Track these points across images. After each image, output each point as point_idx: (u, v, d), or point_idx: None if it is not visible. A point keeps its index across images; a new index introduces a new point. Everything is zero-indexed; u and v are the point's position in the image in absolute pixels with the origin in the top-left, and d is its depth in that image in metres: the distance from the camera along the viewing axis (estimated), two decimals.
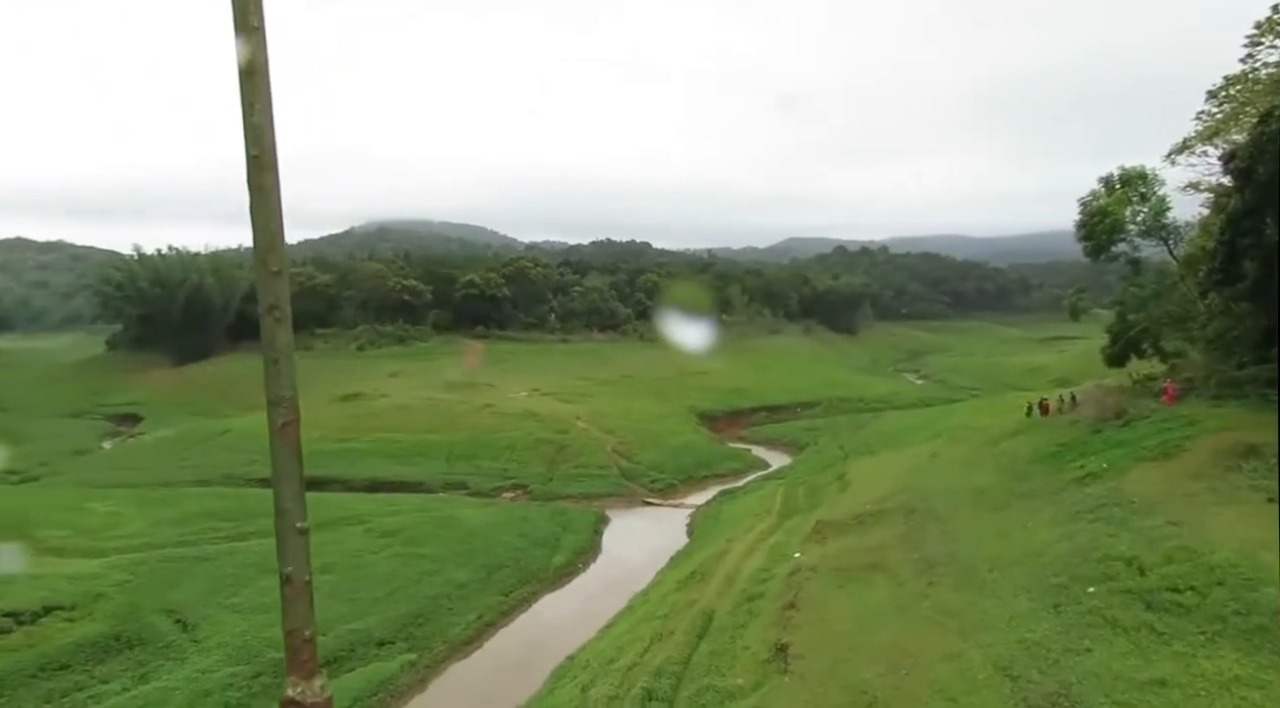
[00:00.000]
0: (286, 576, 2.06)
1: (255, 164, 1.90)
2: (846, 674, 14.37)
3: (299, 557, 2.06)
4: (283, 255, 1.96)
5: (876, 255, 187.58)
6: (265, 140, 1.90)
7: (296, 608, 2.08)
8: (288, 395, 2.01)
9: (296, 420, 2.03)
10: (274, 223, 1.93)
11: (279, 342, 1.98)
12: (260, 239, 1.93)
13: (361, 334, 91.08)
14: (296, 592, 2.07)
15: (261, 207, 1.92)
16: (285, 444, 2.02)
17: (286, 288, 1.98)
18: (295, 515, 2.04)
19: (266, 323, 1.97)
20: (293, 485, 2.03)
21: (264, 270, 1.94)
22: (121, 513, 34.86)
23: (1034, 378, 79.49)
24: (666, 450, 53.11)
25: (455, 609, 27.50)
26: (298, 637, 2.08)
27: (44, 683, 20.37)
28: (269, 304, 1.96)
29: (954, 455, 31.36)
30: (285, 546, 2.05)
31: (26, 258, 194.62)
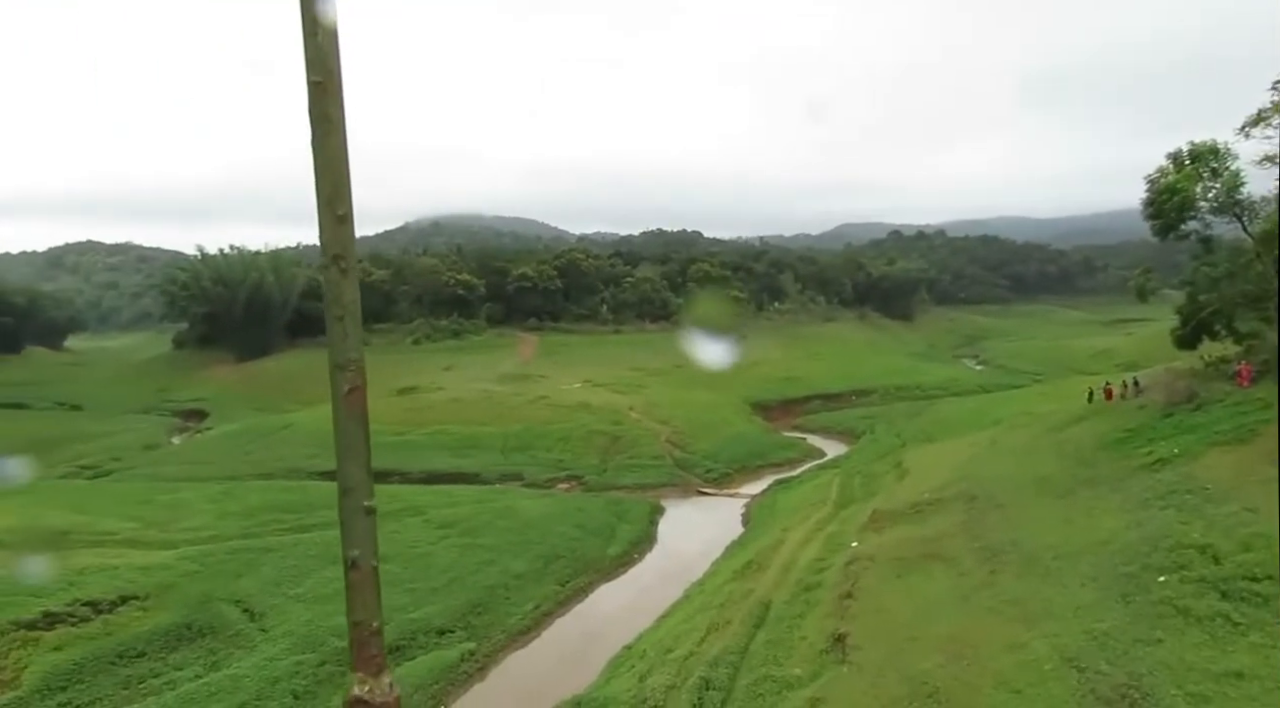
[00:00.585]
0: (352, 560, 1.84)
1: (319, 91, 1.68)
2: (906, 665, 14.13)
3: (366, 540, 1.85)
4: (349, 199, 1.73)
5: (933, 239, 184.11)
6: (330, 64, 1.68)
7: (363, 596, 1.87)
8: (354, 358, 1.79)
9: (363, 387, 1.81)
10: (339, 161, 1.71)
11: (345, 296, 1.75)
12: (324, 180, 1.70)
13: (417, 328, 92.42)
14: (363, 578, 1.86)
15: (326, 142, 1.69)
16: (351, 413, 1.80)
17: (353, 235, 1.76)
18: (362, 493, 1.83)
19: (331, 275, 1.75)
20: (359, 460, 1.82)
21: (329, 215, 1.72)
22: (190, 506, 35.94)
23: (1099, 362, 77.34)
24: (720, 440, 52.92)
25: (513, 599, 27.77)
26: (365, 629, 1.88)
27: (122, 670, 21.10)
28: (334, 253, 1.73)
29: (1015, 442, 30.63)
30: (351, 527, 1.84)
31: (96, 260, 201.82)
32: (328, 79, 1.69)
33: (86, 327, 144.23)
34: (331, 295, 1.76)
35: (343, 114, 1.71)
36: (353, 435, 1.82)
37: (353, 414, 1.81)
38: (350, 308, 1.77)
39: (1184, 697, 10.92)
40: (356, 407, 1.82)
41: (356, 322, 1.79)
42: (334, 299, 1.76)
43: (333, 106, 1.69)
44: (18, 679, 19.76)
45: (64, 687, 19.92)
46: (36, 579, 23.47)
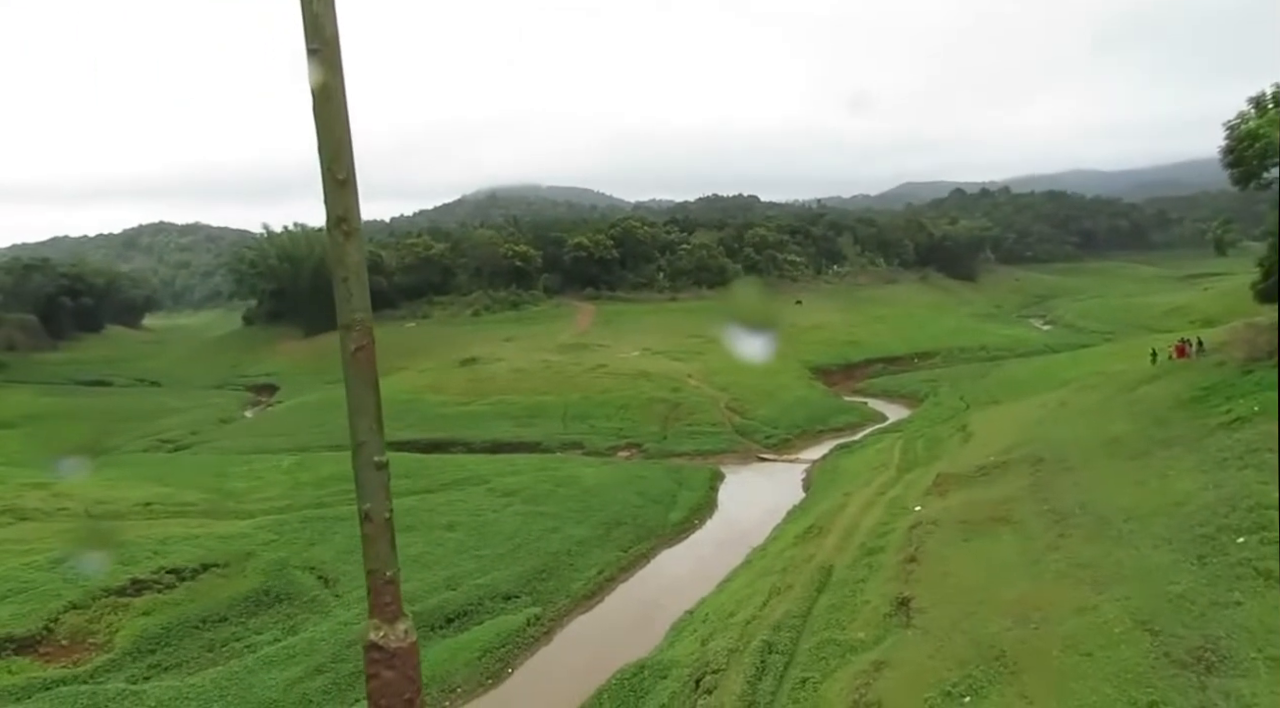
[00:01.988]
0: (366, 512, 1.94)
1: (316, 60, 1.71)
2: (972, 628, 13.98)
3: (378, 493, 1.94)
4: (350, 163, 1.77)
5: (997, 197, 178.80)
6: (327, 32, 1.70)
7: (377, 547, 1.95)
8: (360, 318, 1.83)
9: (371, 345, 1.86)
10: (339, 127, 1.74)
11: (349, 258, 1.80)
12: (325, 145, 1.74)
13: (476, 300, 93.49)
14: (377, 530, 1.94)
15: (325, 109, 1.72)
16: (360, 371, 1.86)
17: (356, 198, 1.80)
18: (373, 449, 1.91)
19: (334, 237, 1.79)
20: (369, 417, 1.89)
21: (330, 179, 1.76)
22: (264, 477, 37.19)
23: (1174, 319, 74.58)
24: (780, 406, 52.65)
25: (576, 565, 28.19)
26: (379, 577, 1.96)
27: (205, 634, 22.05)
28: (337, 216, 1.78)
29: (1085, 403, 29.84)
30: (364, 481, 1.93)
31: (169, 240, 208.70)
32: (325, 47, 1.71)
33: (162, 305, 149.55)
34: (336, 257, 1.80)
35: (342, 81, 1.73)
36: (362, 392, 1.88)
37: (361, 371, 1.86)
38: (355, 269, 1.81)
39: (1264, 660, 10.60)
40: (365, 364, 1.86)
41: (362, 282, 1.83)
42: (338, 261, 1.80)
43: (331, 74, 1.72)
44: (110, 643, 20.80)
45: (153, 650, 20.91)
46: (123, 549, 24.58)
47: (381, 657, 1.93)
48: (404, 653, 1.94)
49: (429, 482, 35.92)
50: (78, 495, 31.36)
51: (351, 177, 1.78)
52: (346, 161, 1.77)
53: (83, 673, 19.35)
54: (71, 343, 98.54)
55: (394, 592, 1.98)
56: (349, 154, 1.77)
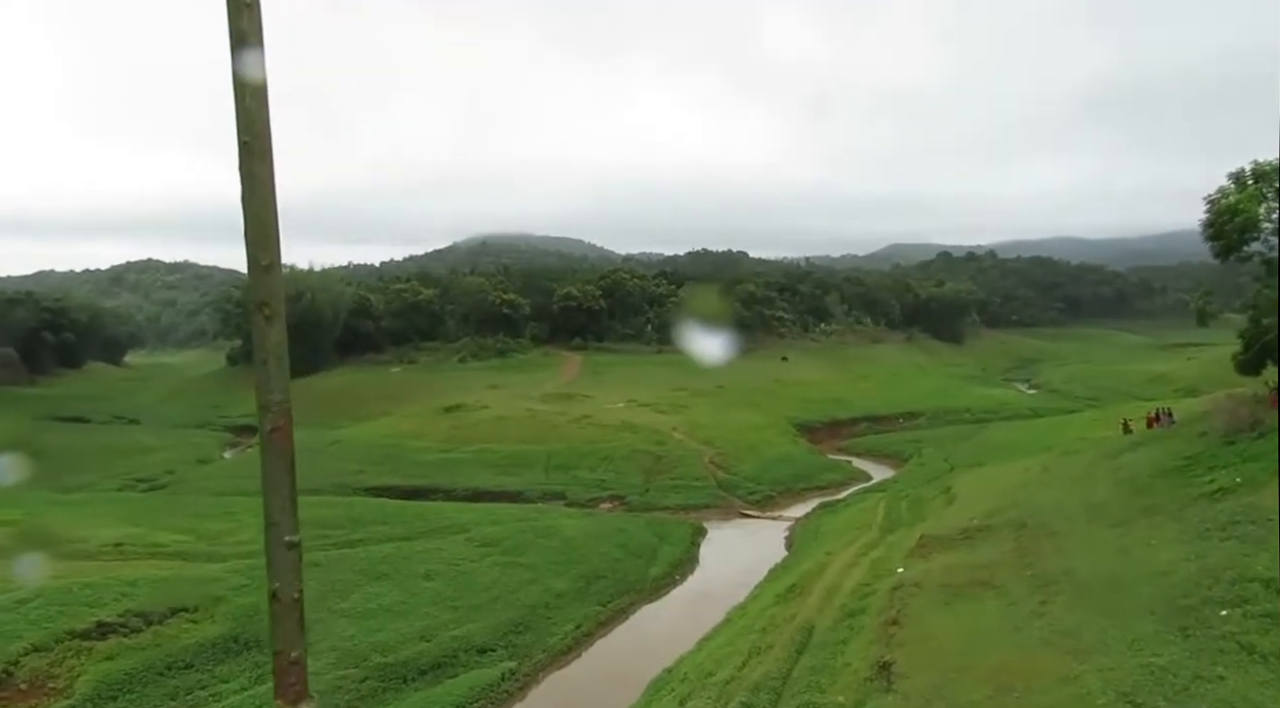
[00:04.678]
0: (274, 592, 1.94)
1: (246, 151, 1.77)
2: (954, 695, 13.74)
3: (288, 573, 1.94)
4: (275, 249, 1.80)
5: (983, 260, 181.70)
6: (257, 126, 1.76)
7: (284, 627, 1.96)
8: (278, 399, 1.86)
9: (288, 425, 1.88)
10: (266, 213, 1.78)
11: (269, 341, 1.83)
12: (251, 230, 1.77)
13: (463, 347, 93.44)
14: (284, 610, 1.95)
15: (253, 196, 1.77)
16: (275, 451, 1.87)
17: (279, 284, 1.82)
18: (285, 529, 1.90)
19: (256, 321, 1.83)
20: (282, 496, 1.89)
21: (254, 265, 1.79)
22: (240, 520, 36.53)
23: (1157, 387, 75.26)
24: (764, 462, 52.48)
25: (554, 618, 27.72)
26: (284, 658, 1.96)
27: (170, 680, 21.44)
28: (259, 300, 1.81)
29: (1068, 469, 29.86)
30: (274, 560, 1.92)
31: (156, 278, 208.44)
32: (255, 139, 1.77)
33: (145, 343, 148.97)
34: (258, 340, 1.85)
35: (270, 171, 1.78)
36: (277, 472, 1.89)
37: (277, 452, 1.88)
38: (274, 351, 1.84)
39: None
40: (281, 445, 1.88)
41: (282, 365, 1.86)
42: (259, 343, 1.85)
43: (259, 165, 1.77)
44: (71, 688, 20.17)
45: (114, 696, 20.29)
46: (90, 590, 24.00)
47: None
48: None
49: (407, 529, 35.41)
50: (45, 533, 30.73)
51: (276, 261, 1.81)
52: (272, 247, 1.80)
53: None
54: (51, 378, 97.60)
55: (299, 673, 1.99)
56: (275, 240, 1.81)
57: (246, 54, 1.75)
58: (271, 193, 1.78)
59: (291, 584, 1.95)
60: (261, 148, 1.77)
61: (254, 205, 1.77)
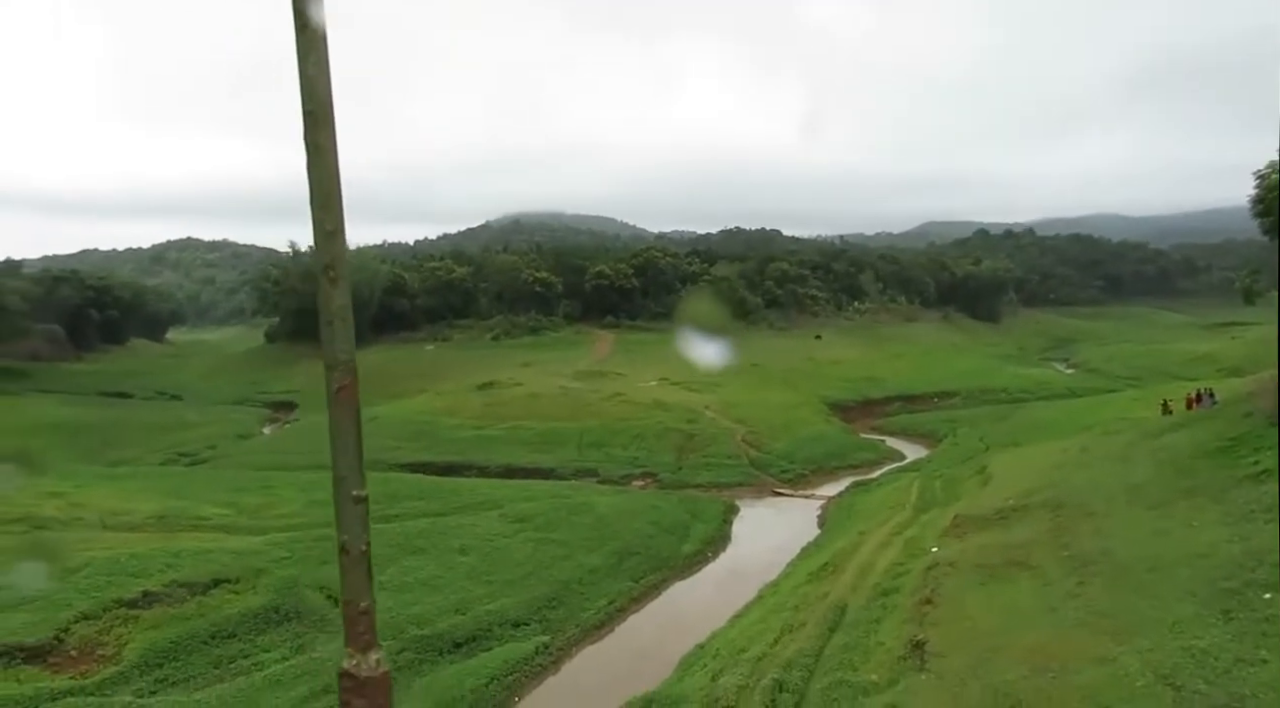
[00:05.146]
0: (343, 544, 2.00)
1: (310, 120, 1.81)
2: (988, 675, 13.69)
3: (355, 525, 2.00)
4: (338, 214, 1.87)
5: (1021, 238, 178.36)
6: (320, 94, 1.80)
7: (353, 578, 2.01)
8: (343, 358, 1.93)
9: (354, 383, 1.95)
10: (329, 181, 1.84)
11: (334, 303, 1.90)
12: (316, 197, 1.84)
13: (496, 325, 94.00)
14: (353, 561, 2.00)
15: (317, 165, 1.83)
16: (343, 408, 1.94)
17: (343, 247, 1.90)
18: (352, 483, 1.99)
19: (322, 284, 1.89)
20: (350, 452, 1.97)
21: (319, 230, 1.86)
22: (279, 494, 37.24)
23: (1200, 367, 73.72)
24: (797, 440, 52.30)
25: (587, 594, 27.96)
26: (354, 608, 1.99)
27: (214, 649, 21.98)
28: (325, 264, 1.88)
29: (1107, 449, 29.42)
30: (343, 514, 2.00)
31: (196, 257, 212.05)
32: (318, 108, 1.81)
33: (186, 320, 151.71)
34: (323, 301, 1.90)
35: (333, 141, 1.83)
36: (345, 428, 1.95)
37: (345, 409, 1.94)
38: (339, 313, 1.91)
39: None
40: (347, 402, 1.95)
41: (347, 325, 1.92)
42: (325, 304, 1.90)
43: (323, 134, 1.82)
44: (119, 655, 20.76)
45: (161, 664, 20.85)
46: (136, 561, 24.64)
47: (353, 685, 1.96)
48: (375, 683, 1.97)
49: (442, 505, 35.86)
50: (93, 506, 31.54)
51: (340, 227, 1.88)
52: (335, 214, 1.86)
53: (90, 685, 19.30)
54: (96, 354, 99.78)
55: (368, 622, 2.00)
56: (338, 207, 1.87)
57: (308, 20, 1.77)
58: (334, 161, 1.83)
59: (359, 537, 2.00)
60: (324, 117, 1.82)
61: (318, 174, 1.83)
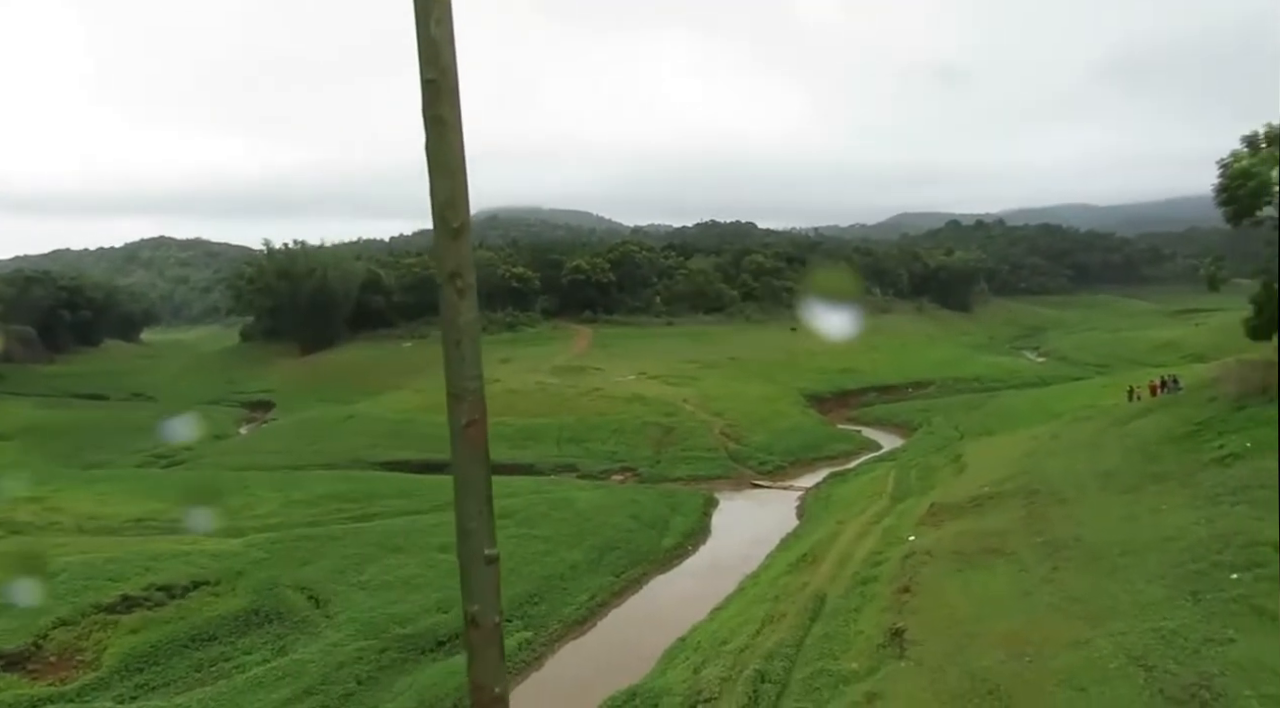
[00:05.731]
0: (471, 616, 1.60)
1: (432, 90, 1.49)
2: (966, 661, 13.97)
3: (488, 592, 1.62)
4: (465, 209, 1.52)
5: (992, 229, 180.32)
6: (444, 59, 1.49)
7: (485, 658, 1.61)
8: (473, 387, 1.57)
9: (483, 419, 1.60)
10: (455, 166, 1.50)
11: (462, 318, 1.53)
12: (439, 188, 1.49)
13: None
14: (484, 637, 1.60)
15: (440, 144, 1.49)
16: (470, 448, 1.61)
17: (469, 250, 1.54)
18: (483, 539, 1.65)
19: (448, 294, 1.53)
20: (478, 500, 1.64)
21: (443, 228, 1.50)
22: (256, 494, 37.00)
23: (1165, 353, 74.90)
24: (775, 432, 52.66)
25: (568, 589, 28.08)
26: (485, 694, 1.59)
27: (194, 653, 21.89)
28: (450, 271, 1.51)
29: (1078, 436, 29.92)
30: (470, 577, 1.63)
31: (169, 255, 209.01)
32: (441, 76, 1.50)
33: (160, 320, 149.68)
34: (448, 316, 1.55)
35: (458, 115, 1.51)
36: (473, 471, 1.65)
37: (471, 449, 1.63)
38: (468, 330, 1.54)
39: (1258, 698, 10.63)
40: (476, 440, 1.62)
41: (476, 346, 1.57)
42: (450, 321, 1.55)
43: (447, 107, 1.51)
44: (98, 660, 20.64)
45: (140, 668, 20.74)
46: (114, 565, 24.43)
47: None
48: None
49: (421, 502, 35.78)
50: (69, 510, 31.21)
51: (466, 224, 1.53)
52: (462, 207, 1.52)
53: (70, 691, 19.20)
54: (69, 356, 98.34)
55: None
56: (464, 198, 1.52)
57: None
58: (460, 142, 1.52)
59: (492, 607, 1.64)
60: (449, 87, 1.51)
61: (442, 156, 1.49)
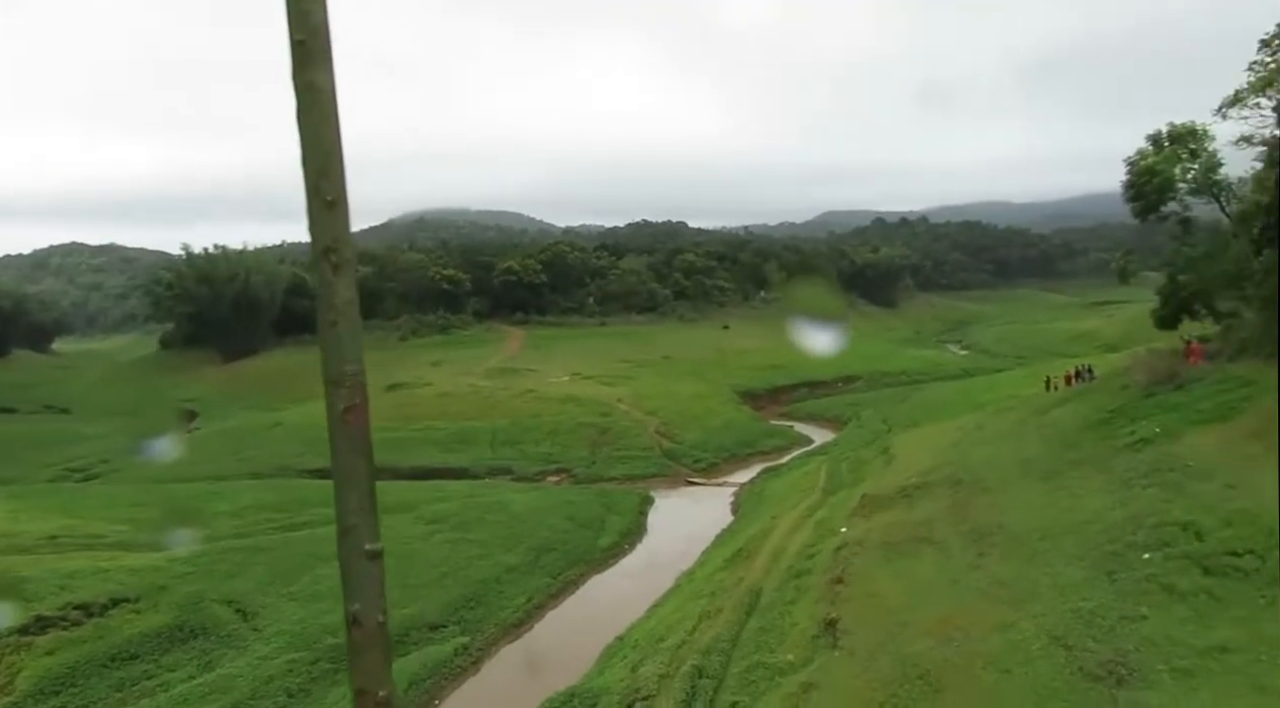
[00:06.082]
0: (353, 615, 1.48)
1: (302, 53, 1.36)
2: (897, 648, 14.30)
3: (370, 590, 1.50)
4: (340, 181, 1.41)
5: (916, 226, 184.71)
6: (315, 18, 1.37)
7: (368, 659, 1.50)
8: (352, 370, 1.44)
9: (364, 404, 1.46)
10: (329, 136, 1.37)
11: (338, 297, 1.40)
12: (310, 158, 1.37)
13: (404, 324, 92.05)
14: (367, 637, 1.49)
15: (312, 112, 1.36)
16: (350, 436, 1.45)
17: (347, 224, 1.42)
18: (365, 534, 1.50)
19: (323, 271, 1.41)
20: (360, 492, 1.48)
21: (317, 201, 1.39)
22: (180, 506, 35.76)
23: (1081, 344, 77.91)
24: (709, 430, 53.09)
25: (505, 593, 27.86)
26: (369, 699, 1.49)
27: (115, 673, 21.04)
28: (324, 245, 1.39)
29: (1000, 426, 30.89)
30: (352, 575, 1.49)
31: (81, 262, 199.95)
32: (311, 37, 1.37)
33: (73, 329, 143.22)
34: (324, 296, 1.43)
35: (332, 80, 1.39)
36: (353, 462, 1.48)
37: (352, 437, 1.47)
38: (345, 310, 1.44)
39: (1169, 672, 11.11)
40: (356, 428, 1.47)
41: (354, 326, 1.46)
42: (326, 301, 1.43)
43: (319, 71, 1.38)
44: (11, 684, 19.69)
45: (57, 691, 19.86)
46: (27, 585, 23.34)
47: None
48: None
49: None
50: None
51: (342, 197, 1.42)
52: (336, 178, 1.41)
53: None
54: None
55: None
56: (340, 170, 1.42)
57: None
58: (334, 109, 1.38)
59: (375, 605, 1.50)
60: (320, 49, 1.37)
61: (314, 124, 1.36)
